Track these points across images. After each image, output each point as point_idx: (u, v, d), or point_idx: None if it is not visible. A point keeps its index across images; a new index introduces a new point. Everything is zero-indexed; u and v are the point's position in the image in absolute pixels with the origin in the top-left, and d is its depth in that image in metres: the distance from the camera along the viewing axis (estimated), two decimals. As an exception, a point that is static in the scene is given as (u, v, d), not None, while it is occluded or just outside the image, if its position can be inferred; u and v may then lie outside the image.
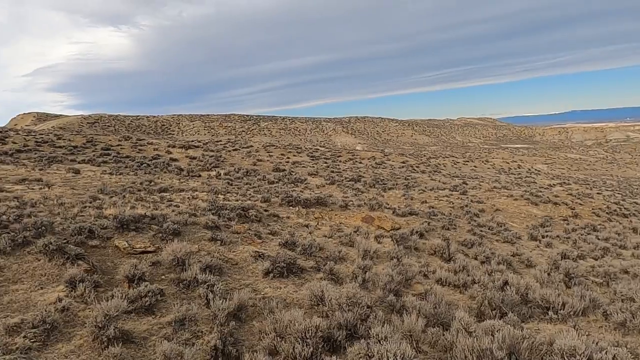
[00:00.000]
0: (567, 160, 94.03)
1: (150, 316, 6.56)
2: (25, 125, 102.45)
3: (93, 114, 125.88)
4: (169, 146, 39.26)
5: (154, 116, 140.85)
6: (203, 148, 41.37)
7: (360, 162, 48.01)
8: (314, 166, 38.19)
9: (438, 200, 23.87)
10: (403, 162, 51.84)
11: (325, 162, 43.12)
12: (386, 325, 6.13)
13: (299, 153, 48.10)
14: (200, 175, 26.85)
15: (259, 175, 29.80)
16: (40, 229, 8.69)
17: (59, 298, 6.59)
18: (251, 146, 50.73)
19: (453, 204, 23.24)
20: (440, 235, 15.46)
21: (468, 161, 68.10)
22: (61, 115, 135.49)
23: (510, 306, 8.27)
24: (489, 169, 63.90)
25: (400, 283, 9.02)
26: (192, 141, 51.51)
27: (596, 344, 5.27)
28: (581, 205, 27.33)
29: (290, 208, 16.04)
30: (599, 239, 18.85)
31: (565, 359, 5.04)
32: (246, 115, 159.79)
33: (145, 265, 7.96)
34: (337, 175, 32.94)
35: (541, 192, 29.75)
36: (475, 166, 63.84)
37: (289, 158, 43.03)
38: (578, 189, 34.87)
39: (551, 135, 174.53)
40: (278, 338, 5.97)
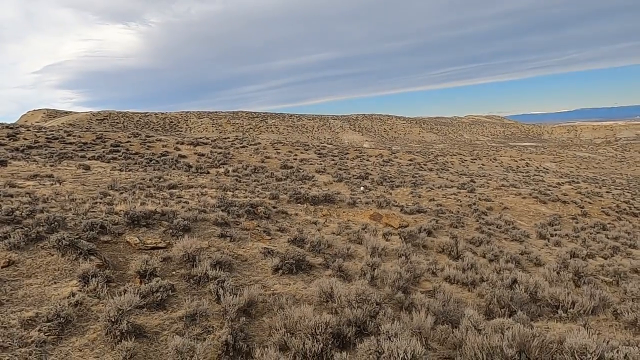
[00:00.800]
0: (576, 158, 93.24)
1: (161, 311, 6.64)
2: (36, 122, 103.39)
3: (102, 110, 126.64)
4: (177, 143, 39.45)
5: (162, 113, 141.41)
6: (211, 145, 41.54)
7: (367, 160, 47.95)
8: (321, 163, 38.20)
9: (446, 198, 23.81)
10: (410, 160, 51.70)
11: (333, 160, 43.12)
12: (395, 322, 6.15)
13: (307, 150, 48.13)
14: (208, 172, 26.98)
15: (266, 172, 29.88)
16: (52, 225, 8.81)
17: (72, 292, 6.68)
18: (259, 143, 50.85)
19: (461, 201, 23.17)
20: (448, 233, 15.44)
21: (476, 159, 67.77)
22: (70, 112, 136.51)
23: (519, 304, 8.26)
24: (496, 167, 63.55)
25: (408, 280, 9.04)
26: (200, 138, 51.72)
27: (607, 343, 5.26)
28: (590, 203, 27.13)
29: (299, 205, 16.09)
30: (608, 238, 18.71)
31: (576, 357, 5.04)
32: (254, 112, 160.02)
33: (157, 261, 8.04)
34: (345, 172, 32.93)
35: (550, 191, 29.55)
36: (483, 164, 63.53)
37: (296, 155, 43.08)
38: (587, 188, 34.59)
39: (560, 134, 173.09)
40: (288, 334, 6.02)
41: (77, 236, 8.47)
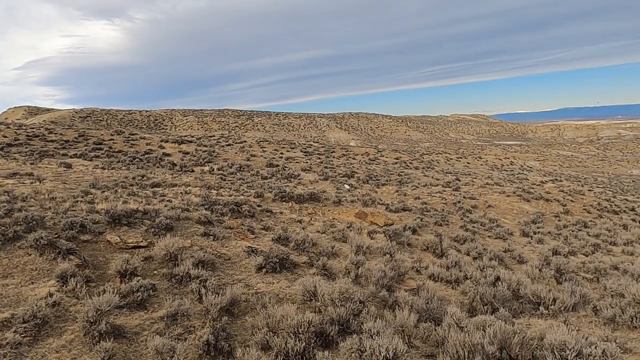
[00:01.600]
0: (559, 157, 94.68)
1: (142, 311, 6.54)
2: (16, 119, 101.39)
3: (85, 108, 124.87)
4: (161, 141, 39.03)
5: (147, 111, 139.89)
6: (196, 143, 41.19)
7: (353, 158, 48.03)
8: (307, 162, 38.14)
9: (431, 197, 23.94)
10: (396, 158, 51.92)
11: (319, 158, 43.09)
12: (378, 320, 6.14)
13: (293, 149, 48.04)
14: (193, 171, 26.73)
15: (252, 170, 29.73)
16: (31, 224, 8.62)
17: (50, 293, 6.54)
18: (245, 141, 50.58)
19: (446, 200, 23.33)
20: (433, 231, 15.52)
21: (461, 157, 68.38)
22: (53, 109, 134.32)
23: (502, 302, 8.33)
24: (481, 165, 64.20)
25: (392, 278, 9.05)
26: (186, 136, 51.28)
27: (586, 339, 5.31)
28: (572, 202, 27.56)
29: (284, 203, 16.02)
30: (589, 236, 19.02)
31: (556, 353, 5.08)
32: (240, 110, 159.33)
33: (138, 260, 7.92)
34: (331, 171, 32.93)
35: (533, 189, 29.93)
36: (468, 163, 64.12)
37: (282, 153, 42.96)
38: (569, 186, 35.11)
39: (543, 133, 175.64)
40: (270, 333, 5.97)
41: (56, 235, 8.31)
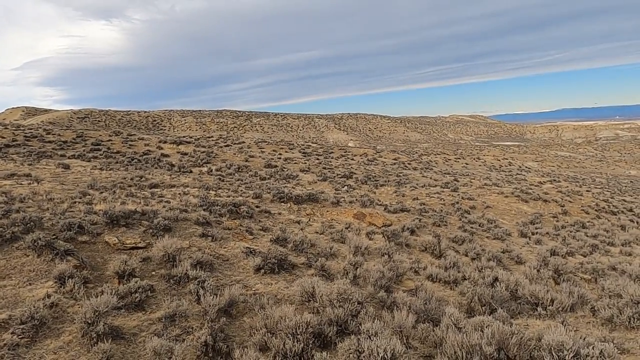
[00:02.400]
0: (557, 157, 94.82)
1: (140, 312, 6.53)
2: (14, 120, 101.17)
3: (83, 108, 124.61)
4: (160, 142, 38.97)
5: (145, 111, 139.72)
6: (195, 144, 41.14)
7: (352, 159, 48.04)
8: (306, 162, 38.14)
9: (429, 197, 23.96)
10: (395, 159, 51.95)
11: (317, 159, 43.09)
12: (377, 321, 6.14)
13: (291, 149, 48.04)
14: (191, 171, 26.70)
15: (250, 171, 29.71)
16: (28, 225, 8.60)
17: (47, 294, 6.53)
18: (243, 142, 50.57)
19: (444, 200, 23.34)
20: (432, 232, 15.53)
21: (459, 158, 68.44)
22: (51, 109, 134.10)
23: (500, 302, 8.34)
24: (480, 166, 64.26)
25: (391, 279, 9.05)
26: (184, 137, 51.25)
27: (583, 340, 5.32)
28: (570, 202, 27.60)
29: (282, 204, 16.02)
30: (587, 236, 19.05)
31: (553, 354, 5.09)
32: (238, 111, 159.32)
33: (136, 261, 7.91)
34: (329, 171, 32.93)
35: (531, 190, 29.97)
36: (466, 163, 64.18)
37: (280, 154, 42.95)
38: (568, 187, 35.18)
39: (542, 133, 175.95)
40: (269, 334, 5.97)
41: (54, 236, 8.29)
